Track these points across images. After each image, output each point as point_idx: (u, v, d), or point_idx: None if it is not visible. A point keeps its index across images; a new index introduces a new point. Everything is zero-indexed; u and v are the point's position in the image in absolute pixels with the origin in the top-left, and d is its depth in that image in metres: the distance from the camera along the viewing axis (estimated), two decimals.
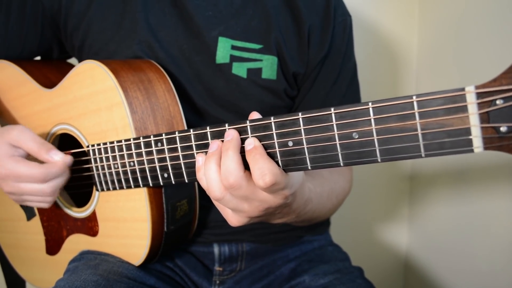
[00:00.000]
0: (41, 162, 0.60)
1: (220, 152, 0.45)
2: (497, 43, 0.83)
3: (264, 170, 0.42)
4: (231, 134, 0.45)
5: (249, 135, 0.45)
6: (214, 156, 0.45)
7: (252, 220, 0.49)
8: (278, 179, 0.42)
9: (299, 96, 0.74)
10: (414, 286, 1.22)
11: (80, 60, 0.74)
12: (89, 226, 0.68)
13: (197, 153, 0.49)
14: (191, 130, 0.49)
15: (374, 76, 1.14)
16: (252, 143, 0.43)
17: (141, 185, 0.58)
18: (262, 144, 0.44)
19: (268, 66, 0.68)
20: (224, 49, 0.67)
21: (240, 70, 0.68)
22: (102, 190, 0.63)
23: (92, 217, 0.67)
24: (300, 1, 0.68)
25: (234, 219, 0.49)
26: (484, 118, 0.34)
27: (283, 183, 0.43)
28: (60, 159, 0.60)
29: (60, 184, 0.62)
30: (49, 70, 0.76)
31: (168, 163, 0.53)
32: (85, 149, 0.64)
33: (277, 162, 0.44)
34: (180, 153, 0.51)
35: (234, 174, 0.43)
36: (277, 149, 0.44)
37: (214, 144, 0.46)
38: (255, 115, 0.46)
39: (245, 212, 0.47)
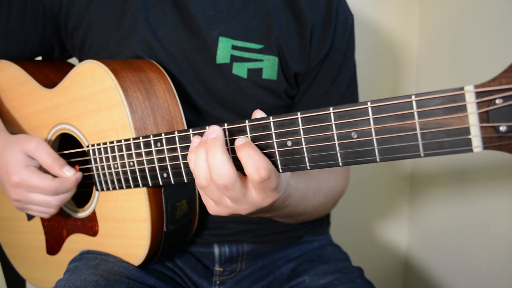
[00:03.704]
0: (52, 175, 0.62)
1: (223, 138, 0.44)
2: (497, 43, 0.83)
3: (259, 164, 0.42)
4: (215, 131, 0.44)
5: (248, 134, 0.45)
6: (223, 144, 0.44)
7: (231, 215, 0.49)
8: (273, 174, 0.42)
9: (298, 94, 0.74)
10: (414, 286, 1.22)
11: (80, 60, 0.74)
12: (89, 226, 0.68)
13: (193, 134, 0.49)
14: (191, 130, 0.49)
15: (374, 76, 1.14)
16: (242, 140, 0.43)
17: (141, 185, 0.58)
18: (261, 143, 0.44)
19: (269, 66, 0.68)
20: (224, 49, 0.67)
21: (240, 70, 0.68)
22: (102, 190, 0.64)
23: (92, 217, 0.67)
24: (302, 1, 0.68)
25: (213, 210, 0.49)
26: (484, 117, 0.34)
27: (276, 180, 0.43)
28: (72, 176, 0.62)
29: (67, 199, 0.63)
30: (50, 70, 0.76)
31: (168, 163, 0.53)
32: (85, 149, 0.65)
33: (275, 162, 0.44)
34: (179, 153, 0.51)
35: (228, 176, 0.43)
36: (276, 149, 0.44)
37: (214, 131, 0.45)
38: (258, 113, 0.45)
39: (228, 208, 0.47)
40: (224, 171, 0.43)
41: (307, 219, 0.72)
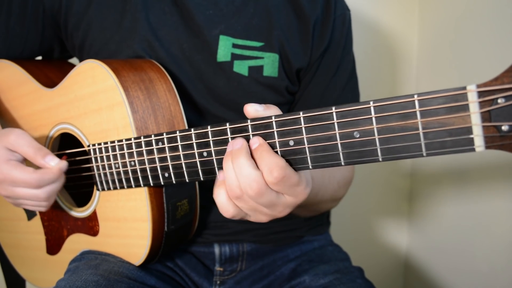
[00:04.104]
0: (38, 167, 0.60)
1: (247, 148, 0.44)
2: (497, 42, 0.83)
3: (271, 165, 0.41)
4: (239, 142, 0.44)
5: (250, 133, 0.45)
6: (247, 153, 0.44)
7: (270, 220, 0.49)
8: (288, 172, 0.42)
9: (300, 90, 0.74)
10: (414, 286, 1.22)
11: (81, 60, 0.74)
12: (90, 225, 0.67)
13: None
14: (192, 129, 0.49)
15: (374, 75, 1.14)
16: (256, 141, 0.43)
17: (142, 185, 0.58)
18: None
19: (270, 63, 0.68)
20: (225, 48, 0.67)
21: (241, 68, 0.68)
22: (103, 189, 0.63)
23: (93, 217, 0.67)
24: None
25: (254, 218, 0.49)
26: (486, 117, 0.34)
27: (295, 177, 0.43)
28: (55, 165, 0.59)
29: (55, 190, 0.61)
30: (50, 69, 0.76)
31: (169, 162, 0.53)
32: (86, 148, 0.64)
33: None
34: (181, 153, 0.51)
35: (256, 181, 0.42)
36: (278, 149, 0.44)
37: (239, 143, 0.44)
38: (249, 106, 0.45)
39: (266, 215, 0.47)
40: (251, 177, 0.42)
41: (322, 209, 0.72)
